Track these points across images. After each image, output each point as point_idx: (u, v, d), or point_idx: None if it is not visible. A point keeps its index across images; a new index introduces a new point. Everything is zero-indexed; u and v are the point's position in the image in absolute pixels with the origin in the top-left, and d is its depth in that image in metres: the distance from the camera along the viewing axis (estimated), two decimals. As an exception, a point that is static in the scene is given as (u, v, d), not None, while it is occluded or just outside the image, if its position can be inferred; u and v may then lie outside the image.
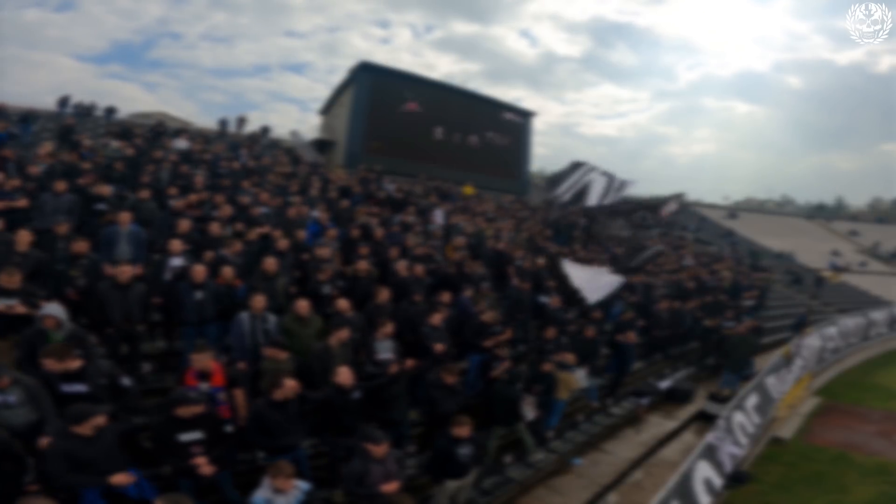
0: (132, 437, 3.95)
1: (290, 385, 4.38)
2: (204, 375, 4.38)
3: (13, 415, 3.57)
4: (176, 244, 6.20)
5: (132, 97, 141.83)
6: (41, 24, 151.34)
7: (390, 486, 3.99)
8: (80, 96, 19.22)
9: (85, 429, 3.39)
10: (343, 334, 5.31)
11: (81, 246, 5.57)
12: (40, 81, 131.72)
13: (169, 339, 6.14)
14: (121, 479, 3.42)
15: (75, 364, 3.86)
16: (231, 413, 4.51)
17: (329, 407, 4.71)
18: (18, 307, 4.43)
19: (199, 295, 5.58)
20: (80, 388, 3.86)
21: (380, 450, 4.07)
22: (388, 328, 5.68)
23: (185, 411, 3.79)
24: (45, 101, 18.55)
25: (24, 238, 5.18)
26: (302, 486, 3.72)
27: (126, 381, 4.25)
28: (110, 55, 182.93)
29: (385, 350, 5.62)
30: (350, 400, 4.72)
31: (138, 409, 4.38)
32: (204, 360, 4.37)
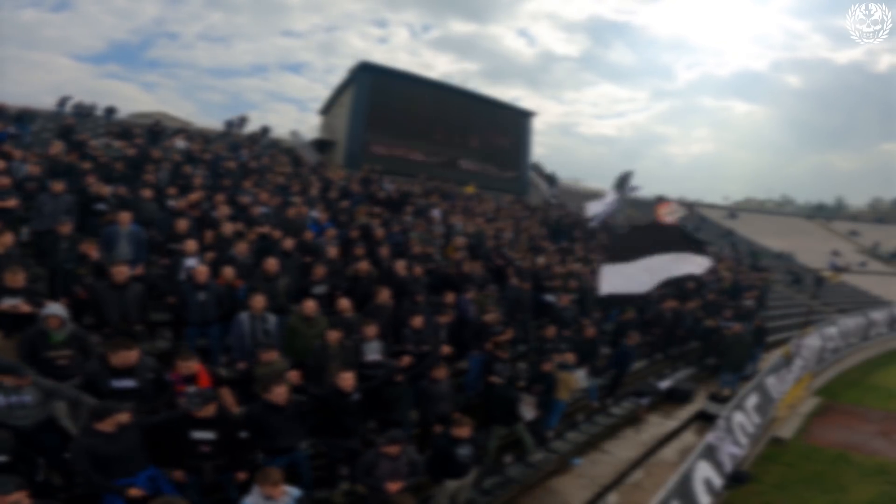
0: (157, 433, 3.96)
1: (286, 386, 4.39)
2: (189, 379, 4.39)
3: (26, 414, 3.57)
4: (191, 245, 6.23)
5: (131, 97, 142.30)
6: (38, 24, 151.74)
7: (393, 486, 4.02)
8: (78, 96, 19.22)
9: (107, 425, 3.42)
10: (334, 335, 5.31)
11: (90, 247, 5.59)
12: (39, 81, 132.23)
13: (177, 338, 6.15)
14: (135, 492, 3.44)
15: (136, 357, 3.94)
16: None
17: (328, 408, 4.72)
18: (23, 306, 4.43)
19: (201, 296, 5.60)
20: (129, 383, 3.92)
21: (392, 449, 4.16)
22: (373, 329, 5.68)
23: (200, 412, 3.83)
24: (44, 100, 18.51)
25: (5, 239, 5.12)
26: (293, 492, 3.66)
27: (168, 376, 4.29)
28: (108, 55, 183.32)
29: (372, 351, 5.63)
30: (349, 402, 4.73)
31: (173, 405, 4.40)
32: (189, 366, 4.37)
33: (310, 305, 5.63)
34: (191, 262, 6.07)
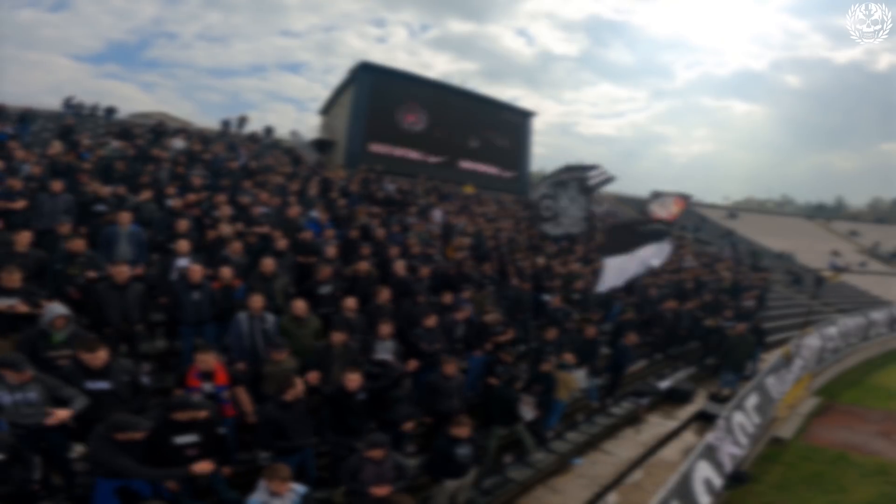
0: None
1: (302, 383, 4.41)
2: (207, 375, 4.39)
3: (33, 412, 3.54)
4: (183, 245, 6.20)
5: (130, 97, 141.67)
6: (37, 23, 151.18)
7: (380, 490, 3.95)
8: (78, 96, 19.22)
9: (121, 437, 3.42)
10: (339, 336, 5.30)
11: (78, 245, 5.56)
12: (38, 81, 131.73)
13: (171, 338, 6.13)
14: (204, 467, 3.54)
15: (104, 357, 3.88)
16: (235, 411, 4.54)
17: (333, 406, 4.73)
18: (20, 306, 4.42)
19: (195, 295, 5.58)
20: (103, 385, 3.88)
21: (375, 453, 4.10)
22: (387, 329, 5.68)
23: (183, 415, 3.74)
24: (43, 101, 18.52)
25: (23, 238, 5.17)
26: (299, 489, 3.65)
27: (145, 379, 4.27)
28: (106, 55, 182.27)
29: (384, 350, 5.63)
30: (355, 402, 4.74)
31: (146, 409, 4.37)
32: (208, 360, 4.38)
33: (300, 306, 5.58)
34: (183, 262, 6.04)
